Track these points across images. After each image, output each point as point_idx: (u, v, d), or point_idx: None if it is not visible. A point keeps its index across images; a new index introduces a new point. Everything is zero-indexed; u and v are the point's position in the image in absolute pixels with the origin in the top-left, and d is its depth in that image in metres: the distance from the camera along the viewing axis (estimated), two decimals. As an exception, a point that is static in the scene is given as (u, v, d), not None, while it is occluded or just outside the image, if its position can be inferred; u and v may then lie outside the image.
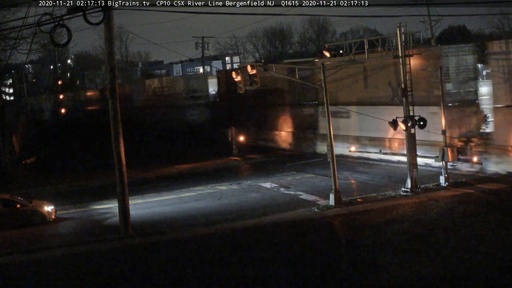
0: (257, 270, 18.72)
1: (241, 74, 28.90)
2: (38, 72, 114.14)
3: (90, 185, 36.71)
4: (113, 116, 23.61)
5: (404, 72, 27.62)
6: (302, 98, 43.73)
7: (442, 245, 19.39)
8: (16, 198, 27.98)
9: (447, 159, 27.85)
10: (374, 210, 24.94)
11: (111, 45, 23.52)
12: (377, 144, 36.95)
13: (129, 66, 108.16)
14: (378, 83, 36.52)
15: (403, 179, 28.04)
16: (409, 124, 27.24)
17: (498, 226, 21.13)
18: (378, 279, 16.94)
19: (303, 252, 20.26)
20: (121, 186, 23.91)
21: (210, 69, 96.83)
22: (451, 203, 24.82)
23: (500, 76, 30.13)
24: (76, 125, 75.24)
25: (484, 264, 17.48)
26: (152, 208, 29.24)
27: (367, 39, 31.75)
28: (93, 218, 28.12)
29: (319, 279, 17.46)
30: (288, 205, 27.32)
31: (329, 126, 26.65)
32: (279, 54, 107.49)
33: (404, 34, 27.99)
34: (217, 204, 28.87)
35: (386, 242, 20.45)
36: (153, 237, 23.55)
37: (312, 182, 32.60)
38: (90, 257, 21.76)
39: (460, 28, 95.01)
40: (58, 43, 24.21)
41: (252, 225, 24.36)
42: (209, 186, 33.58)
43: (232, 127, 44.75)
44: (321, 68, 27.13)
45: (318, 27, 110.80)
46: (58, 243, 24.02)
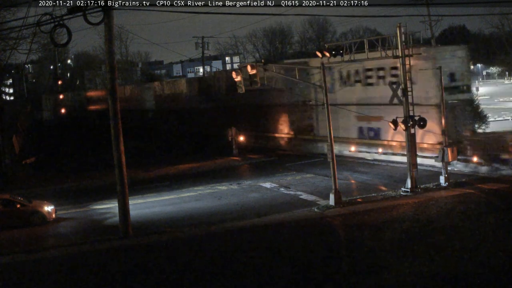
0: (257, 270, 18.73)
1: (241, 74, 28.90)
2: (38, 72, 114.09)
3: (90, 185, 36.71)
4: (113, 116, 23.61)
5: (404, 72, 27.64)
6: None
7: (442, 245, 19.39)
8: (16, 198, 27.98)
9: (447, 159, 27.85)
10: (374, 210, 24.94)
11: (111, 45, 23.52)
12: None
13: (129, 66, 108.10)
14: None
15: (403, 179, 28.04)
16: (409, 124, 27.28)
17: (498, 226, 21.14)
18: (378, 279, 16.95)
19: (303, 252, 20.26)
20: (121, 186, 23.91)
21: (210, 69, 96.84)
22: (451, 203, 24.82)
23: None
24: (76, 125, 75.16)
25: (484, 264, 17.48)
26: (152, 208, 29.24)
27: (367, 39, 31.76)
28: (93, 218, 28.13)
29: (319, 279, 17.47)
30: (288, 205, 27.31)
31: (329, 126, 26.64)
32: (279, 54, 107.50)
33: (404, 34, 28.00)
34: (217, 204, 28.87)
35: (386, 242, 20.45)
36: (153, 237, 23.54)
37: (312, 182, 32.60)
38: (90, 257, 21.75)
39: (460, 28, 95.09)
40: (58, 43, 24.30)
41: (252, 225, 24.36)
42: (209, 186, 33.58)
43: (232, 127, 44.73)
44: (321, 68, 27.15)
45: (318, 27, 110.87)
46: (58, 243, 24.03)
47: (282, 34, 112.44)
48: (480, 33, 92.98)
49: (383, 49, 30.93)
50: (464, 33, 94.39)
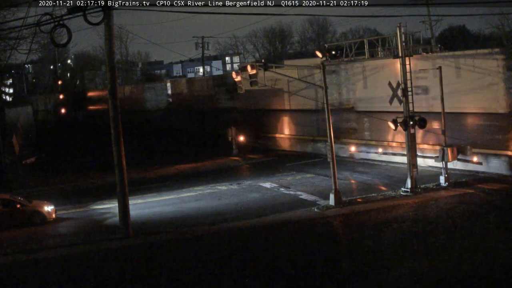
0: (257, 270, 18.74)
1: (240, 74, 28.94)
2: (38, 72, 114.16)
3: (90, 185, 36.70)
4: (113, 116, 23.60)
5: (404, 72, 27.64)
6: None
7: (442, 245, 19.41)
8: (16, 198, 27.98)
9: (447, 159, 27.85)
10: (374, 210, 24.94)
11: (111, 45, 23.51)
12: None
13: (129, 66, 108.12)
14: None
15: (403, 179, 28.04)
16: (409, 124, 27.29)
17: (498, 226, 21.15)
18: (378, 279, 16.96)
19: (303, 252, 20.27)
20: (121, 186, 23.90)
21: (210, 69, 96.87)
22: (451, 203, 24.83)
23: None
24: (76, 125, 75.28)
25: (484, 264, 17.49)
26: (152, 208, 29.24)
27: (367, 39, 31.76)
28: (93, 218, 28.12)
29: (319, 279, 17.47)
30: (288, 205, 27.32)
31: (329, 126, 26.64)
32: (279, 54, 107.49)
33: (404, 34, 28.00)
34: (217, 204, 28.87)
35: (386, 242, 20.46)
36: (153, 237, 23.55)
37: (312, 182, 32.60)
38: (90, 257, 21.76)
39: (460, 28, 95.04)
40: (58, 43, 24.23)
41: (252, 225, 24.37)
42: (209, 186, 33.58)
43: (232, 127, 44.72)
44: (321, 68, 27.16)
45: (318, 27, 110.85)
46: (58, 243, 24.04)
47: (282, 34, 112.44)
48: (480, 33, 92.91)
49: (383, 49, 30.94)
50: (464, 33, 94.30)
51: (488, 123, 30.49)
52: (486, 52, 30.65)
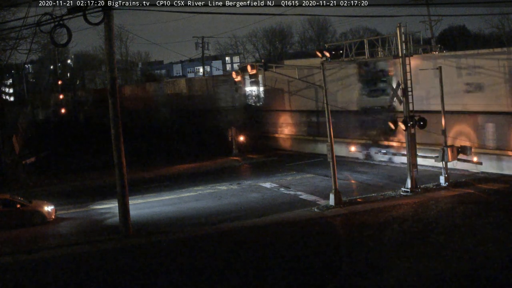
0: (257, 270, 18.74)
1: (240, 74, 28.94)
2: (38, 72, 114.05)
3: (90, 185, 36.70)
4: (113, 116, 23.61)
5: (404, 72, 27.63)
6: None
7: (442, 245, 19.40)
8: (16, 198, 27.98)
9: (447, 159, 27.84)
10: (374, 210, 24.94)
11: (111, 45, 23.52)
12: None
13: (129, 66, 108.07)
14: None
15: (403, 179, 28.04)
16: (409, 124, 27.28)
17: (498, 226, 21.14)
18: (378, 279, 16.96)
19: (303, 252, 20.27)
20: (121, 186, 23.91)
21: (210, 69, 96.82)
22: (451, 203, 24.82)
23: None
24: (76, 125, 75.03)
25: (484, 264, 17.48)
26: (152, 208, 29.24)
27: (367, 39, 31.75)
28: (93, 218, 28.12)
29: (319, 279, 17.47)
30: (288, 205, 27.32)
31: (329, 126, 26.64)
32: (279, 54, 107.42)
33: (404, 34, 28.00)
34: (217, 204, 28.87)
35: (386, 242, 20.46)
36: (153, 237, 23.54)
37: (312, 182, 32.60)
38: (90, 257, 21.75)
39: (460, 28, 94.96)
40: (58, 43, 24.22)
41: (252, 225, 24.36)
42: (209, 186, 33.57)
43: (232, 127, 44.69)
44: (321, 68, 27.17)
45: (318, 27, 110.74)
46: (58, 243, 24.01)
47: (282, 34, 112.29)
48: (480, 33, 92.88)
49: (383, 49, 30.94)
50: (464, 33, 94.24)
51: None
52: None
